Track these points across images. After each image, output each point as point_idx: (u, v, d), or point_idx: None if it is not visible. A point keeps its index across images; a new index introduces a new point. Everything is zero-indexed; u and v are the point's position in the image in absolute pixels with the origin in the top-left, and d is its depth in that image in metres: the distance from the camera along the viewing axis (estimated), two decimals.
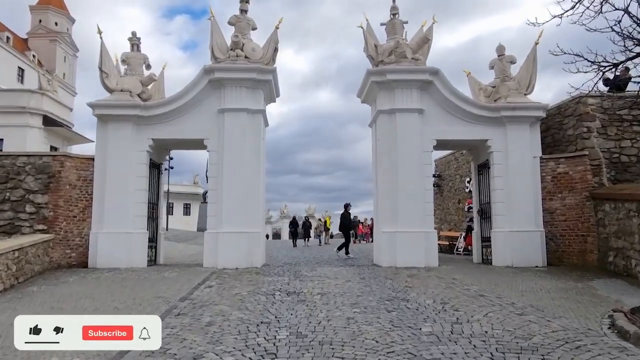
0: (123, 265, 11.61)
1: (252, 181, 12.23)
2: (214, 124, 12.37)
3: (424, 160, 12.43)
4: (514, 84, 12.87)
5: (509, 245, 12.12)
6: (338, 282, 9.22)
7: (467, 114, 12.58)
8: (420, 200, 12.19)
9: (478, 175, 13.73)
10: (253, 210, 12.15)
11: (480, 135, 12.67)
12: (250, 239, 11.94)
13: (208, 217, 12.25)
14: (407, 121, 12.41)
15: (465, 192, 18.41)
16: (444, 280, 9.33)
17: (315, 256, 17.13)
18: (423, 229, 12.08)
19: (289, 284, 9.02)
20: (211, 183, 12.29)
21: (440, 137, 12.55)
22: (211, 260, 11.81)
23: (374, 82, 12.60)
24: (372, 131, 14.01)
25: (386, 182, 12.49)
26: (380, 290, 8.28)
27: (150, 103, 12.34)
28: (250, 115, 12.39)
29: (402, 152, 12.30)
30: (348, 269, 11.67)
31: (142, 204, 12.17)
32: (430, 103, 12.61)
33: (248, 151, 12.24)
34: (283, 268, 11.85)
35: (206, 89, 12.40)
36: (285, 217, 66.52)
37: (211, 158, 12.36)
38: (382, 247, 12.30)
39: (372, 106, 13.96)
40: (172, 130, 12.40)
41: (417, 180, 12.23)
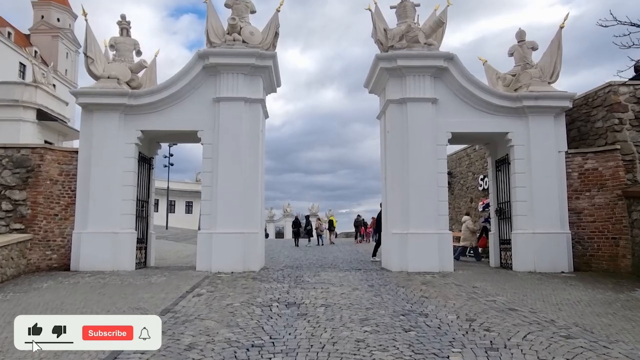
0: (108, 268, 10.61)
1: (250, 177, 11.19)
2: (208, 115, 11.33)
3: (438, 155, 11.33)
4: (536, 71, 11.75)
5: (531, 248, 11.02)
6: (344, 290, 8.16)
7: (485, 104, 11.47)
8: (434, 199, 11.11)
9: (496, 171, 12.62)
10: (250, 209, 11.11)
11: (500, 128, 11.56)
12: (247, 241, 10.90)
13: (201, 216, 11.23)
14: (420, 112, 11.32)
15: (478, 190, 17.28)
16: (464, 289, 8.26)
17: (318, 258, 16.08)
18: (437, 230, 11.00)
19: (288, 292, 7.97)
20: (205, 179, 11.26)
21: (455, 130, 11.45)
22: (204, 263, 10.79)
23: (383, 69, 11.51)
24: (380, 123, 12.93)
25: (396, 179, 11.41)
26: (393, 301, 7.21)
27: (139, 91, 11.31)
28: (248, 105, 11.34)
29: (413, 145, 11.21)
30: (355, 274, 10.61)
31: (130, 201, 11.15)
32: (444, 92, 11.51)
33: (245, 144, 11.20)
34: (283, 272, 10.80)
35: (200, 75, 11.35)
36: (288, 215, 65.53)
37: (205, 152, 11.32)
38: (392, 250, 11.22)
39: (380, 96, 12.88)
40: (163, 121, 11.36)
41: (430, 177, 11.15)
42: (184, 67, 11.30)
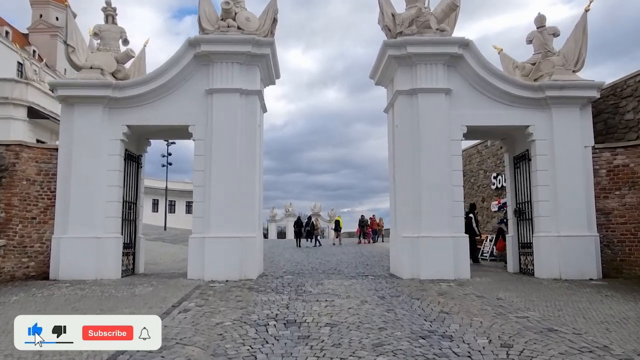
0: (90, 277, 9.67)
1: (247, 176, 10.22)
2: (200, 108, 10.36)
3: (452, 150, 10.34)
4: (559, 59, 10.74)
5: (555, 253, 10.02)
6: (351, 303, 7.17)
7: (504, 94, 10.46)
8: (448, 199, 10.12)
9: (514, 169, 11.61)
10: (247, 211, 10.14)
11: (520, 121, 10.56)
12: (244, 246, 9.93)
13: (193, 219, 10.26)
14: (432, 103, 10.32)
15: (490, 189, 16.29)
16: (488, 302, 7.26)
17: (321, 262, 15.11)
18: (452, 233, 10.01)
19: (288, 306, 6.99)
20: (197, 178, 10.29)
21: (470, 123, 10.45)
22: (197, 271, 9.83)
23: (391, 57, 10.51)
24: (388, 117, 11.94)
25: (406, 177, 10.42)
26: (408, 317, 6.22)
27: (124, 82, 10.34)
28: (244, 98, 10.37)
29: (425, 140, 10.22)
30: (362, 282, 9.62)
31: (115, 202, 10.19)
32: (459, 82, 10.52)
33: (241, 140, 10.23)
34: (283, 280, 9.83)
35: (191, 65, 10.38)
36: (290, 215, 64.62)
37: (197, 148, 10.35)
38: (402, 254, 10.24)
39: (388, 88, 11.89)
40: (151, 116, 10.40)
41: (444, 175, 10.15)
42: (173, 56, 10.33)
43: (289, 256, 17.97)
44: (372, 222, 31.40)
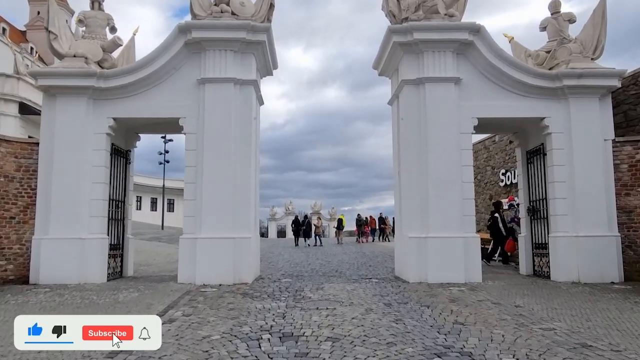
0: (73, 281, 8.99)
1: (242, 172, 9.52)
2: (192, 99, 9.66)
3: (462, 144, 9.63)
4: (576, 46, 10.02)
5: (573, 254, 9.32)
6: (355, 312, 6.48)
7: (518, 84, 9.75)
8: (458, 196, 9.42)
9: (527, 164, 10.89)
10: (242, 210, 9.44)
11: (535, 112, 9.84)
12: (238, 247, 9.24)
13: (184, 218, 9.56)
14: (440, 94, 9.61)
15: (499, 186, 15.58)
16: (506, 310, 6.56)
17: (321, 262, 14.42)
18: (462, 233, 9.31)
19: (284, 315, 6.29)
20: (188, 175, 9.60)
21: (482, 115, 9.74)
22: (187, 274, 9.14)
23: (396, 44, 9.80)
24: (392, 110, 11.23)
25: (412, 173, 9.71)
26: (420, 330, 5.53)
27: (109, 71, 9.63)
28: (238, 88, 9.66)
29: (433, 133, 9.52)
30: (365, 286, 8.93)
31: (100, 201, 9.50)
32: (469, 70, 9.81)
33: (236, 133, 9.54)
34: (280, 284, 9.13)
35: (182, 53, 9.68)
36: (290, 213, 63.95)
37: (188, 142, 9.66)
38: (408, 256, 9.54)
39: (392, 78, 11.17)
40: (139, 107, 9.70)
41: (453, 170, 9.45)
42: (162, 43, 9.62)
43: (288, 256, 17.30)
44: (371, 221, 30.82)
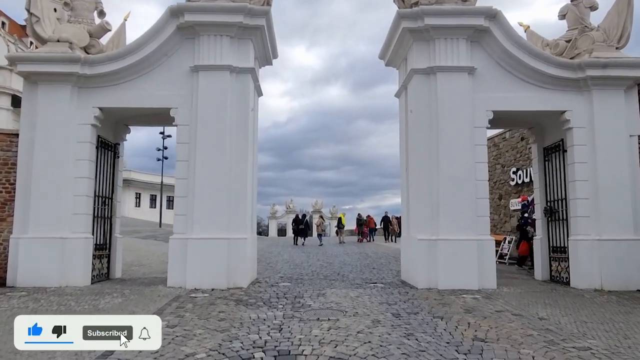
0: (54, 284, 8.31)
1: (237, 167, 8.82)
2: (184, 88, 8.96)
3: (476, 139, 8.91)
4: (599, 34, 9.27)
5: (596, 259, 8.60)
6: (360, 324, 5.77)
7: (537, 74, 9.02)
8: (471, 195, 8.71)
9: (544, 162, 10.16)
10: (238, 209, 8.74)
11: (555, 105, 9.11)
12: (233, 248, 8.55)
13: (175, 217, 8.86)
14: (453, 84, 8.89)
15: (509, 185, 14.86)
16: (530, 323, 5.84)
17: (322, 264, 13.71)
18: (476, 235, 8.60)
19: (281, 328, 5.59)
20: (180, 170, 8.89)
21: (497, 108, 9.02)
22: (177, 277, 8.45)
23: (406, 30, 9.07)
24: (399, 102, 10.50)
25: (421, 170, 9.00)
26: (435, 348, 4.81)
27: (95, 57, 8.92)
28: (234, 77, 8.95)
29: (445, 127, 8.80)
30: (371, 292, 8.21)
31: (85, 197, 8.80)
32: (484, 59, 9.08)
33: (231, 126, 8.84)
34: (278, 289, 8.42)
35: (174, 38, 8.97)
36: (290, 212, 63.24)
37: (180, 135, 8.95)
38: (416, 260, 8.83)
39: (400, 68, 10.44)
40: (127, 97, 8.99)
41: (466, 167, 8.74)
42: (152, 27, 8.91)
43: (288, 257, 16.59)
44: (369, 220, 30.35)
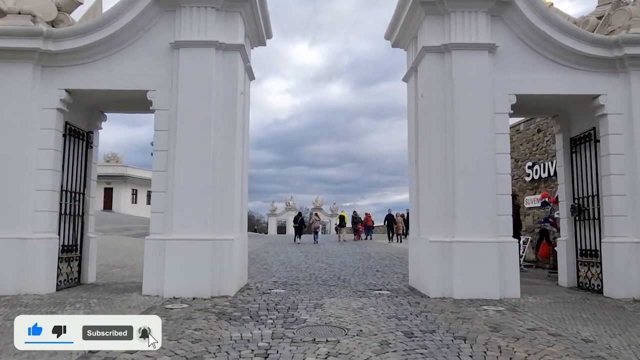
0: (10, 292, 7.24)
1: (224, 159, 7.73)
2: (163, 67, 7.85)
3: (497, 127, 7.80)
4: (637, 8, 8.14)
5: (634, 264, 7.50)
6: (366, 347, 4.66)
7: (566, 53, 7.89)
8: (491, 191, 7.61)
9: (571, 154, 9.03)
10: (224, 205, 7.65)
11: (586, 89, 7.99)
12: (219, 251, 7.46)
13: (152, 215, 7.76)
14: (471, 64, 7.78)
15: (524, 181, 13.75)
16: (574, 347, 4.74)
17: (322, 265, 12.63)
18: (496, 236, 7.51)
19: (267, 354, 4.48)
20: (157, 161, 7.80)
21: (521, 91, 7.91)
22: (154, 284, 7.36)
23: (417, 3, 7.94)
24: (408, 87, 9.38)
25: (434, 163, 7.89)
26: None
27: (61, 31, 7.78)
28: (221, 55, 7.84)
29: (461, 113, 7.70)
30: (375, 302, 7.10)
31: (49, 192, 7.69)
32: (506, 36, 7.96)
33: (217, 111, 7.74)
34: (269, 298, 7.32)
35: (152, 10, 7.85)
36: (290, 209, 62.31)
37: (158, 121, 7.84)
38: (428, 264, 7.73)
39: (409, 49, 9.32)
40: (98, 77, 7.87)
41: (486, 159, 7.64)
42: None
43: (285, 257, 15.52)
44: (367, 218, 29.54)
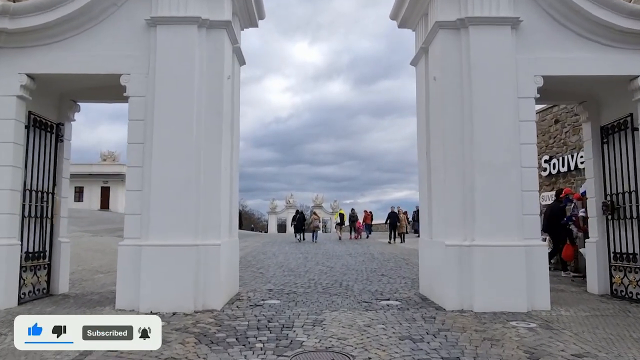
0: None
1: (208, 152, 6.75)
2: (138, 48, 6.86)
3: (522, 114, 6.80)
4: None
5: None
6: None
7: (600, 28, 6.88)
8: (516, 187, 6.63)
9: (602, 144, 8.02)
10: (209, 205, 6.67)
11: (623, 69, 6.97)
12: (203, 259, 6.49)
13: (126, 217, 6.76)
14: (491, 42, 6.78)
15: (540, 176, 12.72)
16: None
17: (322, 269, 11.66)
18: (523, 239, 6.53)
19: None
20: (132, 155, 6.80)
21: (549, 72, 6.91)
22: (128, 297, 6.39)
23: None
24: (417, 71, 8.39)
25: (449, 156, 6.90)
26: None
27: (20, 5, 6.76)
28: (204, 33, 6.85)
29: (480, 98, 6.71)
30: (384, 316, 6.12)
31: (8, 192, 6.69)
32: (531, 9, 6.96)
33: (200, 97, 6.75)
34: (261, 313, 6.34)
35: None
36: (291, 207, 61.50)
37: (132, 109, 6.85)
38: (443, 272, 6.74)
39: (418, 28, 8.31)
40: (64, 59, 6.87)
41: (509, 150, 6.65)
42: None
43: (283, 259, 14.55)
44: (366, 216, 28.75)
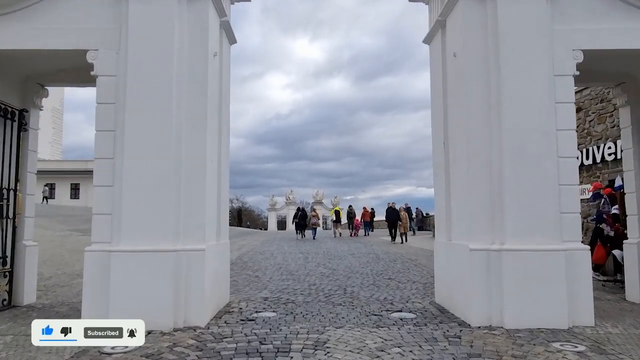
0: None
1: (190, 140, 5.76)
2: (108, 20, 5.86)
3: (559, 95, 5.81)
4: None
5: None
6: None
7: None
8: (552, 180, 5.64)
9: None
10: (191, 203, 5.69)
11: None
12: (184, 266, 5.52)
13: (94, 217, 5.75)
14: (522, 11, 5.77)
15: None
16: None
17: (324, 272, 10.69)
18: (561, 242, 5.55)
19: None
20: (101, 144, 5.79)
21: (589, 46, 5.91)
22: (96, 312, 5.42)
23: None
24: (431, 49, 7.38)
25: (473, 144, 5.90)
26: None
27: None
28: (185, 3, 5.84)
29: (510, 77, 5.70)
30: (400, 336, 5.12)
31: None
32: None
33: (181, 77, 5.76)
34: (252, 331, 5.35)
35: None
36: (291, 203, 60.50)
37: (100, 91, 5.85)
38: (466, 281, 5.76)
39: (431, 2, 7.29)
40: (21, 33, 5.86)
41: (544, 137, 5.67)
42: None
43: (282, 259, 13.59)
44: (365, 213, 28.03)
